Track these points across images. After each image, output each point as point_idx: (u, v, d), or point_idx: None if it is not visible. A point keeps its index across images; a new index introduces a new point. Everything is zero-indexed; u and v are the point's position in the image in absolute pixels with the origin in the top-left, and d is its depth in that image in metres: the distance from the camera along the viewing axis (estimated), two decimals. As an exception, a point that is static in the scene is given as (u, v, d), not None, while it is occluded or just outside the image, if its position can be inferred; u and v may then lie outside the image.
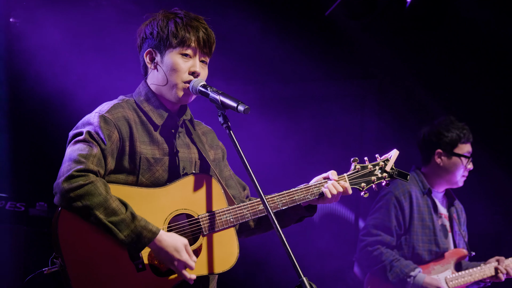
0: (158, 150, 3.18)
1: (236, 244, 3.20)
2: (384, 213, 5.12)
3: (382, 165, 3.45)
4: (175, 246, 3.03)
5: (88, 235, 2.98)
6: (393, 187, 5.17)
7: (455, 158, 5.17)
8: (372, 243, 5.09)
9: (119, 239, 2.96)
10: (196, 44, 3.20)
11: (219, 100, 3.07)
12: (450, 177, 5.20)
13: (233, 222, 3.20)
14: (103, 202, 2.94)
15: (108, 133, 3.07)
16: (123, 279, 3.00)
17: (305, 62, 6.73)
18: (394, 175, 3.45)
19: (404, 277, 4.96)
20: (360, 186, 3.41)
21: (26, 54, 5.68)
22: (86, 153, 3.00)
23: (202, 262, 3.13)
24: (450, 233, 5.24)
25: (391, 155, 3.46)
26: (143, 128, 3.18)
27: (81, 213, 2.95)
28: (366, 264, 5.15)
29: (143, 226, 2.98)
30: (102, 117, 3.09)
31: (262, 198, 2.94)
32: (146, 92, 3.26)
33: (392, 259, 5.01)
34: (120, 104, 3.20)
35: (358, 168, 3.42)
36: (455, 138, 5.19)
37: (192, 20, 3.22)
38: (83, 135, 3.05)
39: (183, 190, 3.15)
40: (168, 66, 3.19)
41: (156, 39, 3.20)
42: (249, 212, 3.23)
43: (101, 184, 2.96)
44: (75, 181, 2.93)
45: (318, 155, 6.76)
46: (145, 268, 3.04)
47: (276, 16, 6.57)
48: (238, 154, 3.00)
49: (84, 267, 2.96)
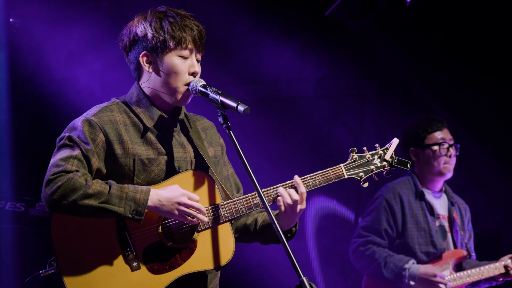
0: (152, 151, 3.16)
1: (232, 239, 3.19)
2: (374, 216, 5.18)
3: (381, 154, 3.38)
4: (170, 189, 3.04)
5: (82, 237, 3.00)
6: (385, 191, 5.24)
7: (427, 150, 5.21)
8: (363, 243, 5.12)
9: (118, 213, 2.96)
10: (193, 44, 3.18)
11: (219, 100, 3.06)
12: (431, 169, 5.23)
13: (228, 217, 3.18)
14: (86, 190, 2.94)
15: (92, 136, 3.07)
16: (118, 279, 3.00)
17: (305, 62, 6.73)
18: (393, 163, 3.37)
19: (399, 270, 4.98)
20: (358, 176, 3.33)
21: (26, 54, 5.68)
22: (66, 156, 3.02)
23: (197, 258, 3.12)
24: (449, 234, 5.24)
25: (391, 143, 3.42)
26: (135, 129, 3.17)
27: (71, 210, 2.96)
28: (361, 265, 5.17)
29: (133, 190, 3.00)
30: (86, 121, 3.09)
31: (262, 198, 2.95)
32: (137, 94, 3.23)
33: (386, 255, 5.04)
34: (109, 107, 3.18)
35: (355, 157, 3.35)
36: (421, 132, 5.25)
37: (185, 19, 3.18)
38: (63, 140, 3.08)
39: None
40: (168, 69, 3.16)
41: (152, 41, 3.15)
42: (244, 206, 3.20)
43: (79, 176, 2.97)
44: (53, 183, 2.97)
45: (318, 155, 6.75)
46: (140, 267, 3.04)
47: (276, 15, 6.57)
48: (238, 154, 3.01)
49: (79, 268, 2.97)
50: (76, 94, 5.64)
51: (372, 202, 5.26)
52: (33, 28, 5.66)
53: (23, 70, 5.72)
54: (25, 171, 5.83)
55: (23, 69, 5.72)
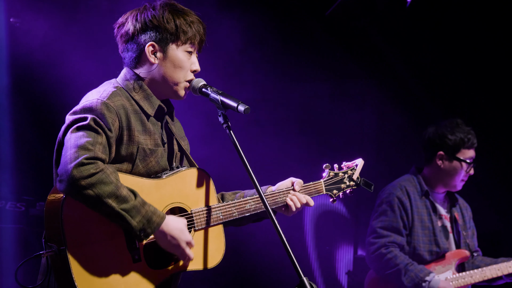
0: (150, 141, 3.15)
1: (223, 241, 3.23)
2: (390, 215, 5.09)
3: (350, 174, 3.53)
4: (180, 228, 3.04)
5: (91, 220, 2.96)
6: (394, 188, 5.17)
7: (456, 163, 5.14)
8: (386, 245, 5.03)
9: (131, 225, 2.93)
10: (198, 41, 3.19)
11: (219, 100, 3.07)
12: (449, 180, 5.18)
13: (222, 220, 3.22)
14: (114, 190, 2.89)
15: (111, 121, 3.01)
16: (119, 267, 3.01)
17: (305, 61, 6.74)
18: (361, 183, 3.54)
19: (419, 281, 4.92)
20: (333, 193, 3.49)
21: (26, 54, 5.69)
22: (93, 140, 2.93)
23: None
24: (451, 234, 5.23)
25: (357, 164, 3.55)
26: (136, 117, 3.13)
27: (92, 202, 2.89)
28: (379, 266, 5.06)
29: (153, 211, 2.98)
30: (104, 105, 3.02)
31: (262, 197, 2.96)
32: (135, 81, 3.17)
33: (407, 262, 4.97)
34: (117, 92, 3.11)
35: (332, 174, 3.50)
36: (458, 142, 5.14)
37: (191, 15, 3.18)
38: (87, 121, 2.97)
39: (180, 183, 3.15)
40: (173, 63, 3.15)
41: (163, 33, 3.12)
42: (237, 211, 3.25)
43: (111, 172, 2.92)
44: (85, 169, 2.86)
45: (317, 155, 6.75)
46: (141, 259, 3.05)
47: (276, 15, 6.57)
48: (238, 153, 3.02)
49: (83, 250, 2.95)
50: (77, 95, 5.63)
51: (383, 202, 5.17)
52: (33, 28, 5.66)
53: (23, 70, 5.72)
54: (25, 171, 5.83)
55: (23, 69, 5.72)
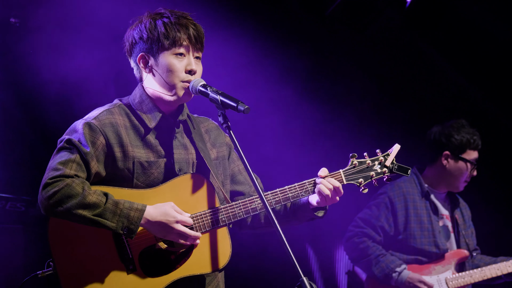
0: (152, 153, 3.18)
1: (229, 244, 3.20)
2: (374, 211, 5.18)
3: (382, 160, 3.36)
4: (162, 211, 3.04)
5: (78, 239, 3.01)
6: (390, 188, 5.22)
7: (461, 163, 5.16)
8: (359, 234, 5.14)
9: (110, 228, 2.97)
10: (188, 42, 3.20)
11: (219, 100, 3.08)
12: (453, 181, 5.20)
13: (225, 221, 3.19)
14: (82, 200, 2.95)
15: (92, 139, 3.08)
16: (114, 280, 3.01)
17: (305, 61, 6.73)
18: (394, 169, 3.36)
19: (389, 272, 5.01)
20: (358, 182, 3.32)
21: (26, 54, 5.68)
22: (65, 159, 3.04)
23: (194, 262, 3.13)
24: (452, 234, 5.24)
25: (392, 150, 3.40)
26: (134, 132, 3.19)
27: (65, 217, 2.98)
28: (352, 255, 5.20)
29: (128, 207, 3.00)
30: (87, 124, 3.12)
31: (262, 197, 2.95)
32: (140, 95, 3.27)
33: (379, 254, 5.06)
34: (110, 110, 3.21)
35: (355, 163, 3.34)
36: (464, 142, 5.17)
37: (180, 18, 3.21)
38: (63, 143, 3.10)
39: (175, 190, 3.15)
40: (164, 68, 3.19)
41: (147, 42, 3.20)
42: (242, 210, 3.22)
43: (77, 183, 2.98)
44: (49, 189, 2.98)
45: (317, 155, 6.76)
46: (136, 269, 3.04)
47: (275, 15, 6.57)
48: (238, 153, 3.02)
49: (75, 270, 2.98)
50: (78, 95, 5.64)
51: (376, 197, 5.25)
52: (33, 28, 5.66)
53: (23, 70, 5.72)
54: (25, 171, 5.83)
55: (23, 69, 5.72)
